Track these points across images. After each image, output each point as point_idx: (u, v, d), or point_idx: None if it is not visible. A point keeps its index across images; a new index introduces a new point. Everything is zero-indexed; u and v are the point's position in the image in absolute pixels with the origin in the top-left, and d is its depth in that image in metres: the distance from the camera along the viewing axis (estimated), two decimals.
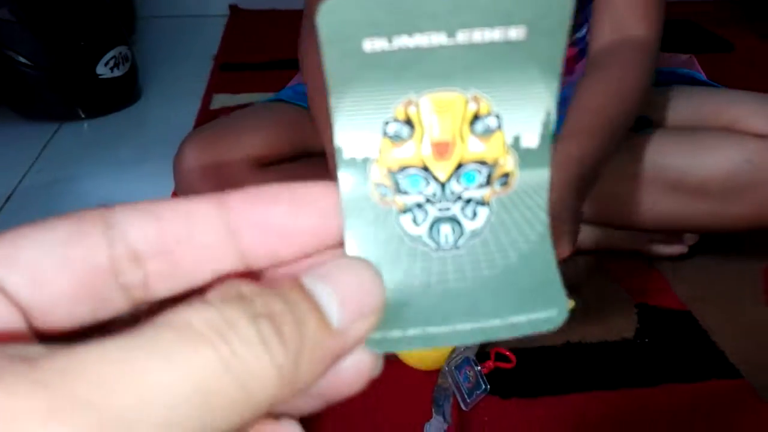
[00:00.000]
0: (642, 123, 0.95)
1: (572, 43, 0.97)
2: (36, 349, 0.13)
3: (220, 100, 1.49)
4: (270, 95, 1.40)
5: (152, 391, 0.13)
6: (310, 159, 0.92)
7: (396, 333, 0.18)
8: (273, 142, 0.89)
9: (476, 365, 0.76)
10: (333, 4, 0.16)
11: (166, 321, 0.14)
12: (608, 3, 0.85)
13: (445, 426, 0.69)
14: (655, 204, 0.90)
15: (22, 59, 1.36)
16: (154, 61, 1.69)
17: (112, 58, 1.44)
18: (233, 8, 2.06)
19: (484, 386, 0.75)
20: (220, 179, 0.87)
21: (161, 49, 1.81)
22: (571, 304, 0.89)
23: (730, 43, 1.83)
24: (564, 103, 0.82)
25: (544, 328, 0.19)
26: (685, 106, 0.92)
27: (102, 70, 1.43)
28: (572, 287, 0.91)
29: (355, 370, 0.17)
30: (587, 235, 0.99)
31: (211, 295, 0.15)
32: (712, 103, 0.90)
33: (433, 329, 0.18)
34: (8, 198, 1.18)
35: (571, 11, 0.17)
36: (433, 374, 0.76)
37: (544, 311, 0.19)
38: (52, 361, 0.12)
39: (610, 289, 0.94)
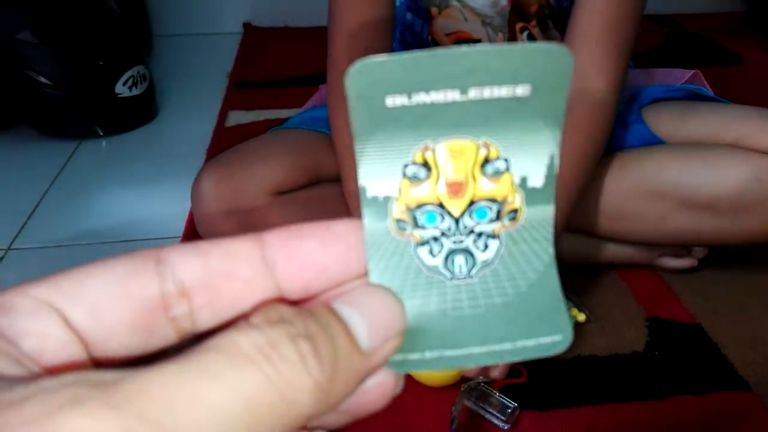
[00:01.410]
0: (650, 139, 0.96)
1: None
2: (109, 375, 0.15)
3: (236, 117, 1.52)
4: (283, 111, 1.44)
5: (208, 410, 0.14)
6: (323, 186, 0.95)
7: (415, 355, 0.20)
8: (286, 174, 0.91)
9: (492, 392, 0.77)
10: (360, 67, 0.18)
11: (217, 344, 0.16)
12: (576, 56, 0.87)
13: None
14: (664, 219, 0.91)
15: (42, 79, 1.39)
16: (170, 79, 1.72)
17: (130, 78, 1.48)
18: (247, 26, 2.10)
19: (512, 405, 0.77)
20: (239, 211, 0.90)
21: (177, 67, 1.84)
22: (582, 317, 0.90)
23: (739, 55, 1.84)
24: None
25: (551, 352, 0.21)
26: (691, 122, 0.93)
27: (120, 89, 1.47)
28: (583, 300, 0.92)
29: (379, 388, 0.19)
30: (598, 249, 1.00)
31: (256, 318, 0.17)
32: (719, 120, 0.91)
33: (449, 352, 0.20)
34: (30, 214, 1.21)
35: (572, 71, 0.19)
36: (449, 393, 0.78)
37: (551, 336, 0.21)
38: (123, 386, 0.14)
39: (622, 303, 0.95)
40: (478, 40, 0.99)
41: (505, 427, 0.75)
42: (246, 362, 0.15)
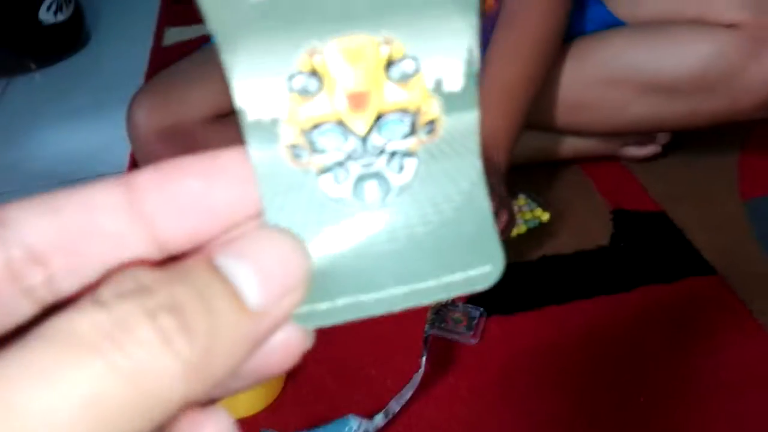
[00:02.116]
0: (609, 21, 0.92)
1: None
2: None
3: (173, 35, 1.43)
4: None
5: (37, 419, 0.12)
6: None
7: (324, 305, 0.17)
8: (224, 94, 0.86)
9: (455, 306, 0.76)
10: None
11: (48, 332, 0.13)
12: None
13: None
14: (626, 107, 0.88)
15: None
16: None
17: (54, 2, 1.37)
18: None
19: (477, 313, 0.76)
20: (179, 139, 0.85)
21: None
22: (546, 216, 0.88)
23: None
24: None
25: (480, 286, 0.18)
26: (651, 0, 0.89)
27: (45, 15, 1.36)
28: (547, 198, 0.90)
29: (284, 347, 0.16)
30: (559, 144, 0.97)
31: (105, 290, 0.14)
32: None
33: (365, 296, 0.17)
34: None
35: None
36: (420, 314, 0.76)
37: (480, 267, 0.18)
38: None
39: (585, 197, 0.94)
40: None
41: (473, 342, 0.74)
42: (86, 351, 0.13)
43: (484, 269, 0.18)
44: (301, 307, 0.16)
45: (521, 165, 0.86)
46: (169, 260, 0.16)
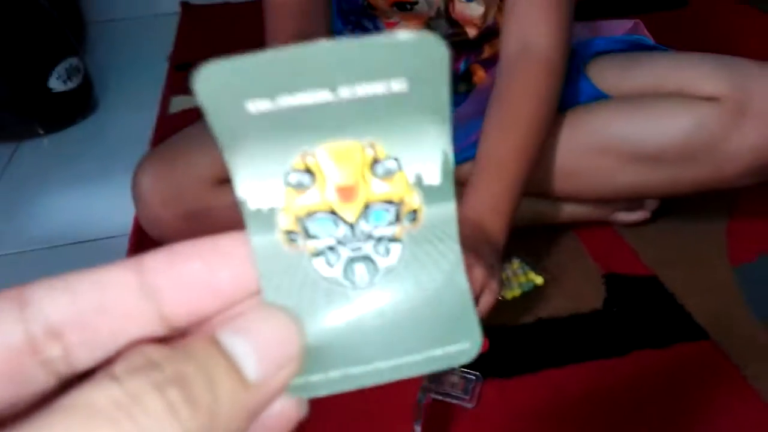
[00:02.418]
0: (595, 95, 0.96)
1: None
2: None
3: (179, 103, 1.47)
4: None
5: None
6: None
7: (317, 377, 0.19)
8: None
9: (450, 370, 0.77)
10: (210, 71, 0.16)
11: (68, 404, 0.14)
12: (515, 14, 0.86)
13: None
14: (614, 175, 0.91)
15: None
16: (108, 68, 1.66)
17: (64, 71, 1.42)
18: (184, 5, 2.02)
19: (473, 377, 0.77)
20: (183, 206, 0.87)
21: (113, 55, 1.77)
22: (539, 280, 0.90)
23: None
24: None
25: (459, 362, 0.20)
26: (634, 74, 0.93)
27: (54, 83, 1.41)
28: (540, 262, 0.92)
29: (281, 416, 0.18)
30: (553, 209, 1.00)
31: (118, 366, 0.15)
32: (661, 70, 0.90)
33: (354, 370, 0.19)
34: None
35: (449, 61, 0.18)
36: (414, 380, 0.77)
37: (459, 344, 0.20)
38: None
39: (578, 261, 0.96)
40: (416, 3, 0.97)
41: (470, 406, 0.75)
42: (102, 422, 0.14)
43: (463, 346, 0.20)
44: (296, 378, 0.18)
45: (517, 228, 0.88)
46: (175, 334, 0.18)
